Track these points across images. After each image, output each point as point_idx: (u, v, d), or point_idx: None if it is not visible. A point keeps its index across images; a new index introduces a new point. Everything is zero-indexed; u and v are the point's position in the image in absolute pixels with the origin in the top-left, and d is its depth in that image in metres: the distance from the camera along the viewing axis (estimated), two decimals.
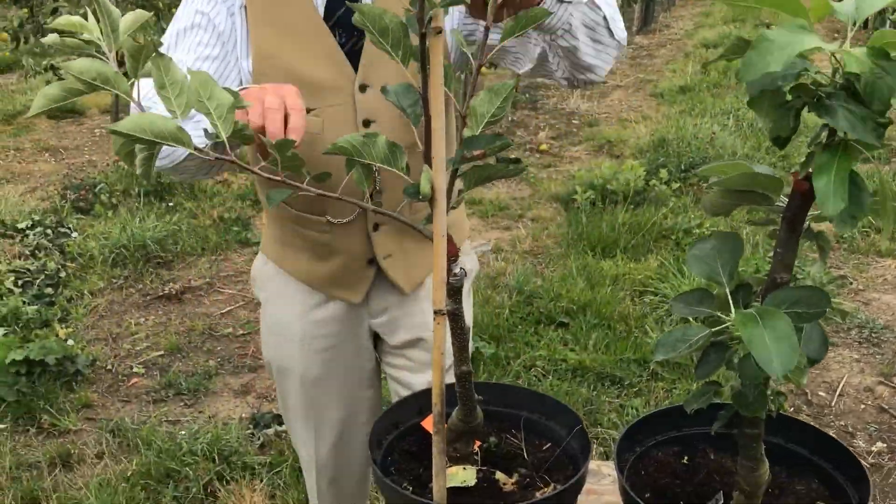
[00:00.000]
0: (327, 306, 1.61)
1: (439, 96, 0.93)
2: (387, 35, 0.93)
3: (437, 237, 0.98)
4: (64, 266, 3.89)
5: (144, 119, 0.99)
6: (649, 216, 4.30)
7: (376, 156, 1.03)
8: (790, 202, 0.86)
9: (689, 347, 0.87)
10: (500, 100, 1.01)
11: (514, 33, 1.01)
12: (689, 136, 5.62)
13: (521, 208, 4.81)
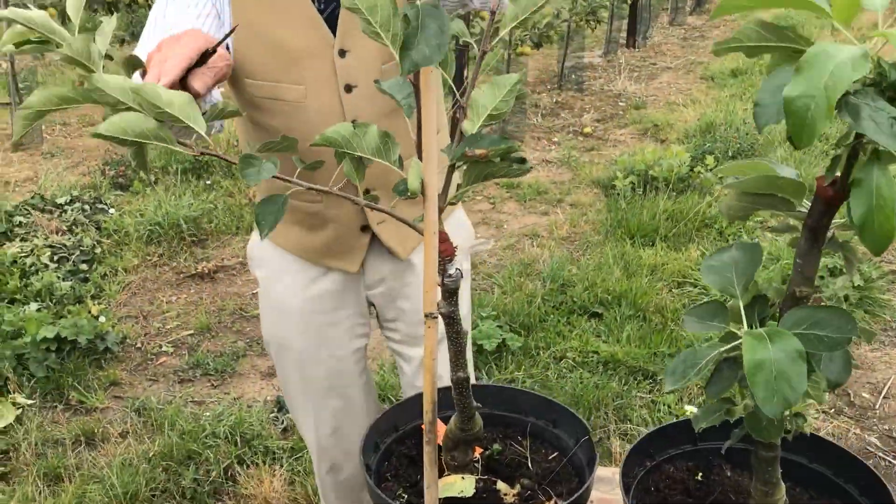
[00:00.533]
0: (324, 279, 1.61)
1: (431, 91, 0.86)
2: (374, 12, 0.86)
3: (429, 235, 0.91)
4: (100, 242, 3.92)
5: (125, 120, 0.94)
6: (692, 204, 4.17)
7: (367, 147, 0.97)
8: (812, 208, 0.78)
9: (698, 373, 0.80)
10: (503, 92, 0.94)
11: None
12: (738, 122, 5.44)
13: (560, 192, 4.71)
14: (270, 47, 1.41)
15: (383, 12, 0.85)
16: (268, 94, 1.43)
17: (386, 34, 0.86)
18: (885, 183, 0.69)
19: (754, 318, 0.82)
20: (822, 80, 0.68)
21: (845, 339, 0.76)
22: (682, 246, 3.87)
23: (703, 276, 0.85)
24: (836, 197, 0.75)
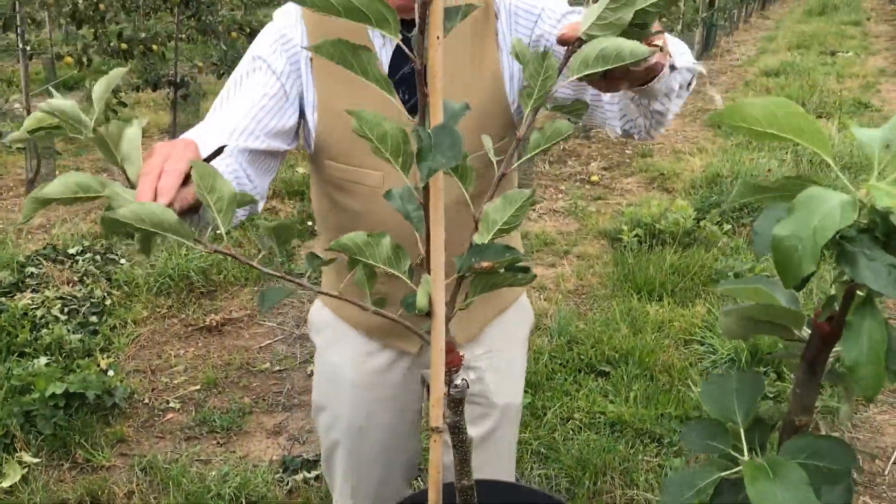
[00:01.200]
0: (382, 355, 1.65)
1: (439, 207, 0.89)
2: (385, 141, 0.90)
3: (436, 351, 0.93)
4: (110, 294, 3.95)
5: (144, 209, 0.98)
6: (698, 259, 4.18)
7: (379, 257, 0.99)
8: (810, 342, 0.79)
9: (696, 494, 0.81)
10: (514, 208, 0.97)
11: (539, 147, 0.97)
12: (744, 173, 5.47)
13: (567, 243, 4.73)
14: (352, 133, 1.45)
15: (393, 140, 0.88)
16: (348, 178, 1.48)
17: (396, 160, 0.89)
18: (877, 328, 0.70)
19: (754, 442, 0.83)
20: (811, 224, 0.70)
21: (846, 471, 0.77)
22: (688, 301, 3.88)
23: (702, 401, 0.87)
24: (832, 333, 0.77)
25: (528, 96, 0.95)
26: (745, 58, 11.76)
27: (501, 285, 0.99)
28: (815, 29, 14.25)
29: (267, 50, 1.45)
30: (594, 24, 0.95)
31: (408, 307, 0.93)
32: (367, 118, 0.88)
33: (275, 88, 1.43)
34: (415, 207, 0.99)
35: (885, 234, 0.72)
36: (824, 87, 8.82)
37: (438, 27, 0.81)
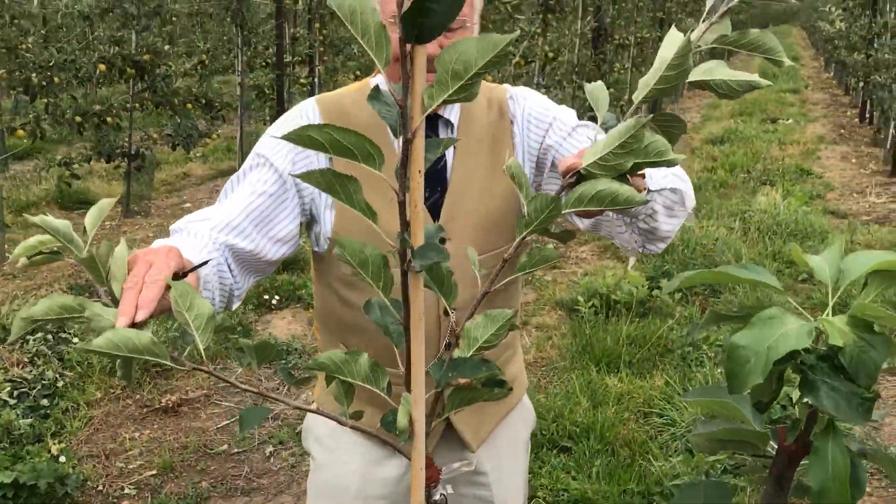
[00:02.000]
0: (390, 463, 1.56)
1: (419, 331, 0.91)
2: (367, 266, 0.92)
3: (416, 469, 0.94)
4: (62, 375, 3.86)
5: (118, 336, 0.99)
6: (654, 329, 4.25)
7: (357, 374, 1.01)
8: (777, 460, 0.83)
9: None
10: (496, 327, 0.99)
11: (525, 269, 1.00)
12: (694, 241, 5.61)
13: (525, 314, 4.77)
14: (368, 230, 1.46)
15: (374, 265, 0.91)
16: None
17: (377, 283, 0.92)
18: (840, 455, 0.74)
19: None
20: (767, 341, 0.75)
21: None
22: (646, 372, 3.93)
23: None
24: (798, 452, 0.80)
25: (525, 225, 0.98)
26: (690, 124, 12.15)
27: (479, 400, 1.01)
28: (756, 97, 14.79)
29: (271, 150, 1.46)
30: (596, 162, 0.99)
31: (387, 426, 0.95)
32: (348, 245, 0.90)
33: (273, 187, 1.43)
34: (393, 321, 1.01)
35: (843, 365, 0.76)
36: (767, 155, 9.14)
37: (420, 162, 0.85)
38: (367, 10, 0.79)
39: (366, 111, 1.48)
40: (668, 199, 1.34)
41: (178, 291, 1.01)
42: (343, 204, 1.46)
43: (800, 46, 30.65)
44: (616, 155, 0.92)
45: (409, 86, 0.81)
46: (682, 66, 0.91)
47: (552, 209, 0.95)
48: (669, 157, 0.94)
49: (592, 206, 0.96)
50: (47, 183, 7.66)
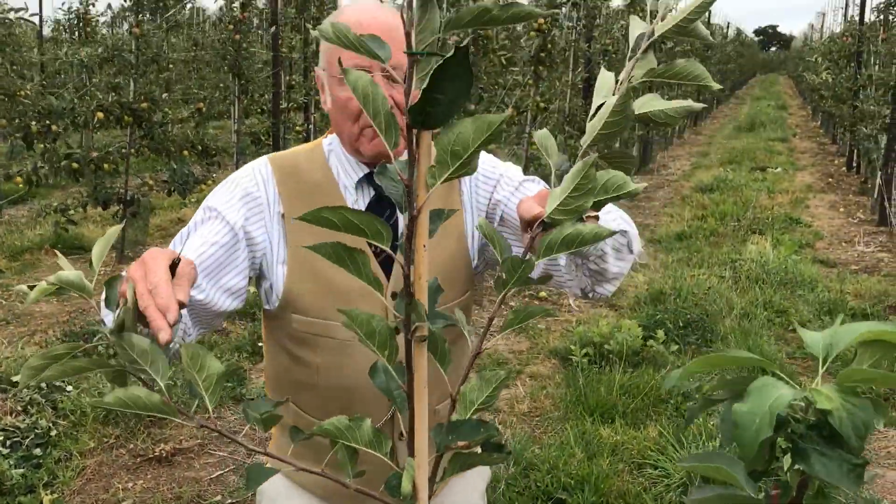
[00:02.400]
0: None
1: (423, 398, 0.94)
2: (373, 337, 0.96)
3: None
4: (55, 424, 3.85)
5: (129, 395, 1.03)
6: (647, 378, 4.28)
7: (361, 439, 1.04)
8: None
9: None
10: (490, 388, 1.02)
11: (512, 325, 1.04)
12: (686, 290, 5.66)
13: (519, 363, 4.79)
14: (324, 285, 1.48)
15: (381, 337, 0.94)
16: (317, 331, 1.49)
17: (382, 352, 0.95)
18: None
19: None
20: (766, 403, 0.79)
21: None
22: (640, 423, 3.94)
23: None
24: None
25: (501, 285, 1.03)
26: (680, 172, 12.30)
27: (478, 464, 1.04)
28: (745, 145, 15.01)
29: (224, 204, 1.49)
30: (557, 209, 1.04)
31: (391, 490, 0.97)
32: (356, 316, 0.94)
33: (226, 238, 1.46)
34: (396, 387, 1.04)
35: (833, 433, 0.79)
36: (757, 203, 9.25)
37: (424, 237, 0.89)
38: (379, 96, 0.84)
39: (317, 170, 1.55)
40: (617, 241, 1.39)
41: (188, 353, 1.05)
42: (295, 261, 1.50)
43: (787, 95, 31.15)
44: (574, 198, 0.97)
45: (414, 166, 0.86)
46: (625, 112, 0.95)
47: (524, 268, 0.99)
48: (630, 188, 0.99)
49: (563, 250, 1.00)
50: (42, 228, 7.69)
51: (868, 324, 0.89)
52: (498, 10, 0.85)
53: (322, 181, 1.54)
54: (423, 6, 0.79)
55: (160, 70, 10.13)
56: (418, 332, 0.92)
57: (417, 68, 0.82)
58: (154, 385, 1.07)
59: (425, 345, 0.93)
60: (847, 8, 14.32)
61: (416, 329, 0.92)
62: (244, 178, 1.54)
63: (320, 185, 1.55)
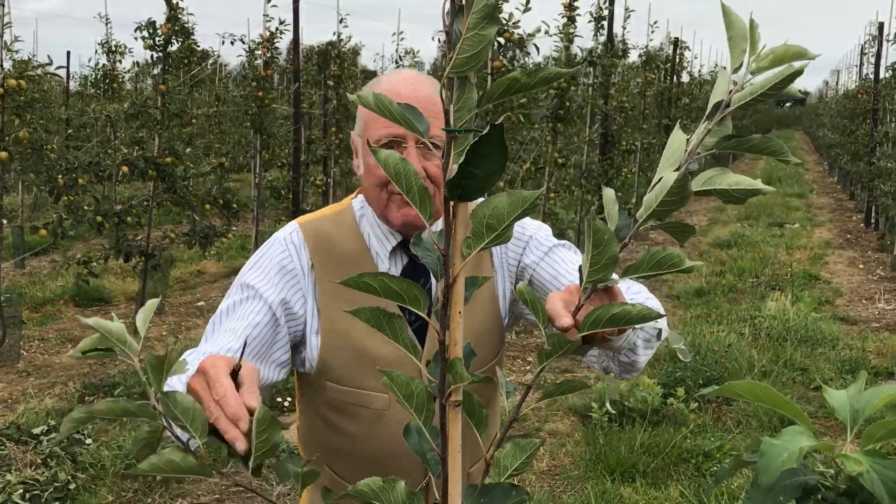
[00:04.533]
0: None
1: (456, 463, 0.96)
2: (411, 399, 0.97)
3: None
4: (74, 477, 3.85)
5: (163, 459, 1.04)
6: (668, 437, 4.24)
7: (394, 501, 1.05)
8: None
9: None
10: (525, 455, 1.03)
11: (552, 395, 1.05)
12: (705, 347, 5.63)
13: (538, 420, 4.76)
14: (357, 354, 1.49)
15: (419, 399, 0.96)
16: (352, 400, 1.50)
17: (419, 415, 0.97)
18: None
19: None
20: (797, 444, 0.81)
21: None
22: (661, 483, 3.89)
23: None
24: None
25: (544, 358, 1.04)
26: (697, 227, 12.31)
27: None
28: (762, 201, 15.01)
29: (260, 281, 1.50)
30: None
31: None
32: (395, 378, 0.96)
33: (267, 317, 1.46)
34: (430, 449, 1.05)
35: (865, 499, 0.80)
36: (775, 260, 9.23)
37: (459, 304, 0.91)
38: (411, 173, 0.87)
39: (350, 239, 1.56)
40: (648, 332, 1.40)
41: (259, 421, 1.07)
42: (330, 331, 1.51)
43: (803, 150, 31.25)
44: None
45: (451, 236, 0.89)
46: (683, 193, 0.96)
47: (570, 346, 1.01)
48: (686, 265, 1.00)
49: (609, 326, 1.01)
50: (64, 279, 7.78)
51: (891, 386, 0.90)
52: (526, 77, 0.88)
53: (355, 250, 1.56)
54: (461, 86, 0.83)
55: (183, 125, 10.34)
56: (453, 397, 0.94)
57: (455, 143, 0.85)
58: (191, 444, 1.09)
59: (459, 410, 0.95)
60: (861, 66, 14.45)
61: (451, 393, 0.94)
62: (277, 252, 1.54)
63: (353, 254, 1.56)
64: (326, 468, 1.58)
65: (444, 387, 0.94)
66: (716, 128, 1.00)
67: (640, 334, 1.38)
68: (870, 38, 12.73)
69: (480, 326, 1.56)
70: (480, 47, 0.80)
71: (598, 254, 0.99)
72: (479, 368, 1.56)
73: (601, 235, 0.96)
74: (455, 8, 0.80)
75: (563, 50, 7.35)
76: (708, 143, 1.00)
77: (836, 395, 0.98)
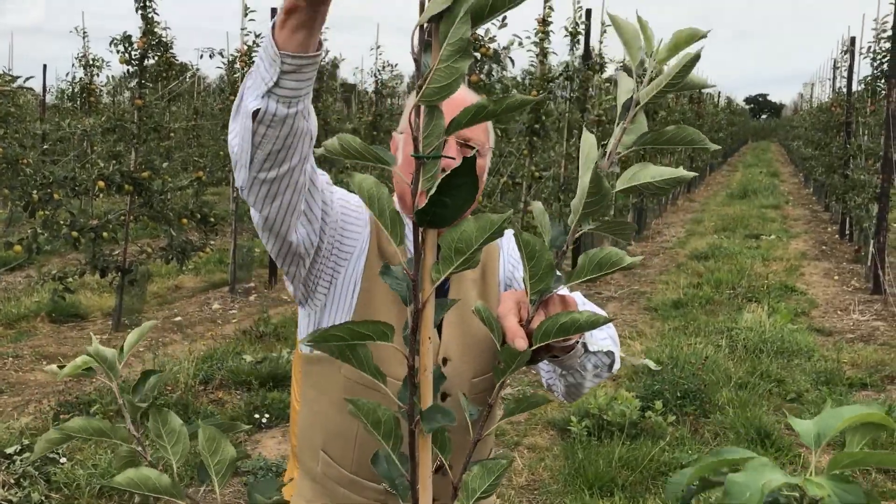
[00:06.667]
0: None
1: (427, 489, 0.96)
2: (379, 427, 0.97)
3: None
4: (48, 497, 3.80)
5: (139, 476, 1.04)
6: (646, 451, 4.25)
7: None
8: None
9: None
10: (492, 477, 1.04)
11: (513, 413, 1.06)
12: (683, 359, 5.66)
13: (517, 434, 4.76)
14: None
15: (386, 426, 0.96)
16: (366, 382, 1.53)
17: (387, 441, 0.97)
18: None
19: None
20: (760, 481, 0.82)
21: None
22: (639, 496, 3.90)
23: None
24: None
25: (499, 374, 1.05)
26: (675, 240, 12.39)
27: None
28: (738, 212, 15.16)
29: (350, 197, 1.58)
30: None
31: None
32: (360, 405, 0.96)
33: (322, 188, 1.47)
34: (399, 475, 1.05)
35: None
36: (752, 271, 9.31)
37: (429, 329, 0.92)
38: (384, 196, 0.88)
39: None
40: (600, 360, 1.42)
41: (206, 434, 1.07)
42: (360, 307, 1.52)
43: (779, 162, 31.60)
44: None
45: (420, 261, 0.90)
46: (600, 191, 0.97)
47: (521, 359, 1.02)
48: (626, 262, 1.01)
49: (559, 335, 1.02)
50: (39, 295, 7.69)
51: (852, 408, 0.92)
52: (493, 104, 0.90)
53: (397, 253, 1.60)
54: (430, 113, 0.83)
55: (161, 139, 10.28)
56: (419, 426, 0.94)
57: (424, 169, 0.86)
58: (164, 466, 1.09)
59: (429, 436, 0.95)
60: (834, 79, 14.65)
61: (418, 421, 0.94)
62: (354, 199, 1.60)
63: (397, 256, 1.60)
64: (322, 454, 1.58)
65: (412, 412, 0.94)
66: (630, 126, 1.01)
67: (592, 359, 1.40)
68: (842, 52, 12.92)
69: (485, 336, 1.57)
70: (452, 79, 0.81)
71: (534, 265, 1.00)
72: (487, 375, 1.59)
73: (532, 247, 0.97)
74: (423, 40, 0.81)
75: (538, 64, 7.40)
76: (626, 141, 1.01)
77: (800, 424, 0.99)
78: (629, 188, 1.02)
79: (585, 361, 1.38)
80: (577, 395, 1.51)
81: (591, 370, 1.42)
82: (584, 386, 1.45)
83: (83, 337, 6.77)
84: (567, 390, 1.49)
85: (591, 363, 1.40)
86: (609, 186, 0.99)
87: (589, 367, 1.40)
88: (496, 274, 1.66)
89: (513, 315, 1.08)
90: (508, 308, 1.09)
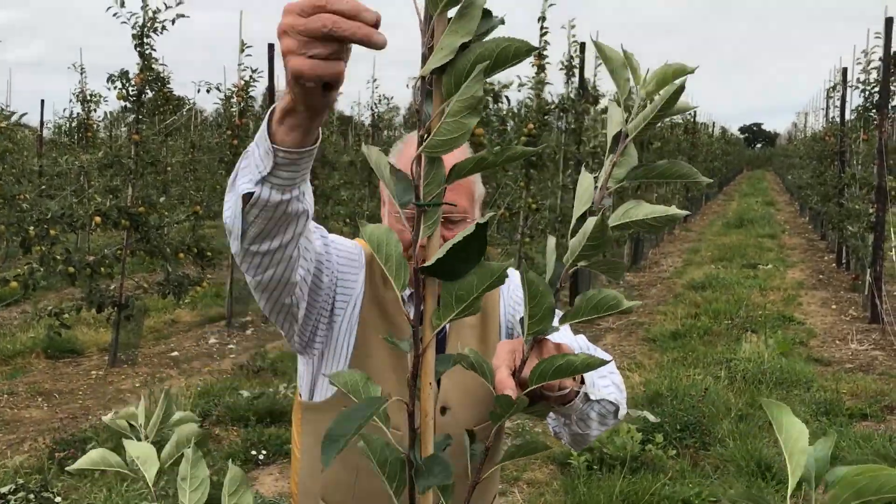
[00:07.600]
0: None
1: None
2: (384, 466, 0.96)
3: None
4: None
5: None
6: (647, 485, 4.21)
7: None
8: None
9: None
10: None
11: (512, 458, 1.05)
12: (682, 391, 5.64)
13: (516, 469, 4.72)
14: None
15: (391, 468, 0.95)
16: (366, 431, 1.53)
17: (391, 484, 0.96)
18: None
19: None
20: None
21: None
22: None
23: None
24: None
25: (496, 418, 1.04)
26: (672, 270, 12.40)
27: None
28: (734, 241, 15.19)
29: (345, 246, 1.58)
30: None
31: None
32: (372, 442, 0.95)
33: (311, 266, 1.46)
34: None
35: None
36: (749, 301, 9.30)
37: (430, 374, 0.92)
38: (392, 242, 0.89)
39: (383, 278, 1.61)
40: (604, 408, 1.41)
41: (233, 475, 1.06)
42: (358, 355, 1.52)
43: (774, 191, 31.74)
44: None
45: (420, 307, 0.89)
46: (603, 237, 0.97)
47: (515, 407, 1.01)
48: (623, 306, 1.01)
49: (555, 378, 1.01)
50: (35, 331, 7.66)
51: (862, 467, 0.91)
52: (493, 156, 0.90)
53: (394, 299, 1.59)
54: (430, 163, 0.84)
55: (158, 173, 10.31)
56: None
57: (424, 217, 0.86)
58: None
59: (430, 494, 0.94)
60: (827, 109, 14.77)
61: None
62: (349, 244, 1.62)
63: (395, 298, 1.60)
64: (322, 502, 1.59)
65: (411, 461, 0.93)
66: (620, 158, 1.00)
67: (596, 407, 1.38)
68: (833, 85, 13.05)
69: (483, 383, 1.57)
70: (458, 134, 0.81)
71: (535, 305, 0.99)
72: (479, 425, 1.57)
73: (536, 287, 0.97)
74: (425, 90, 0.82)
75: (535, 98, 7.46)
76: (617, 175, 1.00)
77: None
78: (622, 224, 1.02)
79: (589, 410, 1.37)
80: (583, 444, 1.50)
81: (596, 418, 1.41)
82: (591, 435, 1.44)
83: (79, 373, 6.72)
84: (573, 439, 1.48)
85: (595, 411, 1.39)
86: (612, 235, 0.99)
87: (593, 415, 1.39)
88: (497, 317, 1.66)
89: (505, 366, 1.08)
90: (502, 359, 1.08)
